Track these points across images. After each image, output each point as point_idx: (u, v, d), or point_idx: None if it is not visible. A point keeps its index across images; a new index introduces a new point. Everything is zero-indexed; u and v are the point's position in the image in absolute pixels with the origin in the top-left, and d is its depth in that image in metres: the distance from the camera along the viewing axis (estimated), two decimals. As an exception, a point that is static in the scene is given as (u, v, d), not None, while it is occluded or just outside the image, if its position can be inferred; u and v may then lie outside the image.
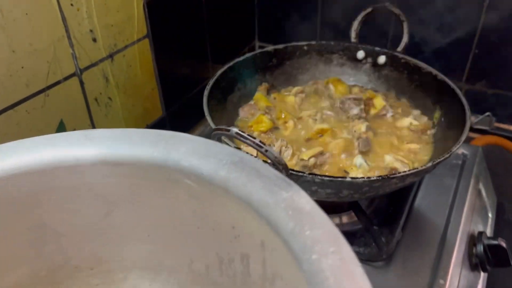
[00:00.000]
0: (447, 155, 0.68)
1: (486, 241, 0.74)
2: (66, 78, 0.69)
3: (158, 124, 0.99)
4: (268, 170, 0.37)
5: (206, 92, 0.81)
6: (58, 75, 0.67)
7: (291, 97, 0.95)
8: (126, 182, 0.40)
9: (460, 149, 0.92)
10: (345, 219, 0.86)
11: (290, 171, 0.64)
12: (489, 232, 0.89)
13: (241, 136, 0.59)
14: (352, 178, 0.63)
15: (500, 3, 0.98)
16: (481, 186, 0.96)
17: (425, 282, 0.70)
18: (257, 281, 0.38)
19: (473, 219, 0.85)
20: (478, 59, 1.05)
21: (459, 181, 0.91)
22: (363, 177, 0.63)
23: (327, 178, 0.63)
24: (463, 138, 0.71)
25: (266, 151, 0.59)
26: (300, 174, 0.64)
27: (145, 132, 0.41)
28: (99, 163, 0.38)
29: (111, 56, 0.77)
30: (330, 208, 0.80)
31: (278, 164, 0.60)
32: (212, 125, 0.73)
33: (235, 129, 0.59)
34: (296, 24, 1.25)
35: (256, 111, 0.91)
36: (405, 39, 0.94)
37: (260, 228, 0.33)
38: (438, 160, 0.66)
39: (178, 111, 0.99)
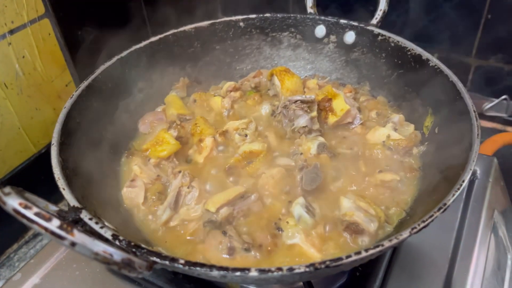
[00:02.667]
0: (437, 212, 0.38)
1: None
2: None
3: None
4: None
5: (69, 102, 0.53)
6: None
7: (217, 98, 0.65)
8: None
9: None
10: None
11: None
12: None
13: (24, 217, 0.30)
14: (260, 270, 0.34)
15: None
16: (497, 218, 0.66)
17: None
18: None
19: (485, 273, 0.57)
20: (491, 26, 0.82)
21: (464, 214, 0.62)
22: (280, 269, 0.34)
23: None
24: (467, 174, 0.42)
25: (74, 244, 0.30)
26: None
27: None
28: None
29: (-15, 46, 0.59)
30: None
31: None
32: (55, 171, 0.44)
33: (12, 203, 0.30)
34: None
35: (161, 124, 0.62)
36: (382, 5, 0.63)
37: None
38: (418, 227, 0.37)
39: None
